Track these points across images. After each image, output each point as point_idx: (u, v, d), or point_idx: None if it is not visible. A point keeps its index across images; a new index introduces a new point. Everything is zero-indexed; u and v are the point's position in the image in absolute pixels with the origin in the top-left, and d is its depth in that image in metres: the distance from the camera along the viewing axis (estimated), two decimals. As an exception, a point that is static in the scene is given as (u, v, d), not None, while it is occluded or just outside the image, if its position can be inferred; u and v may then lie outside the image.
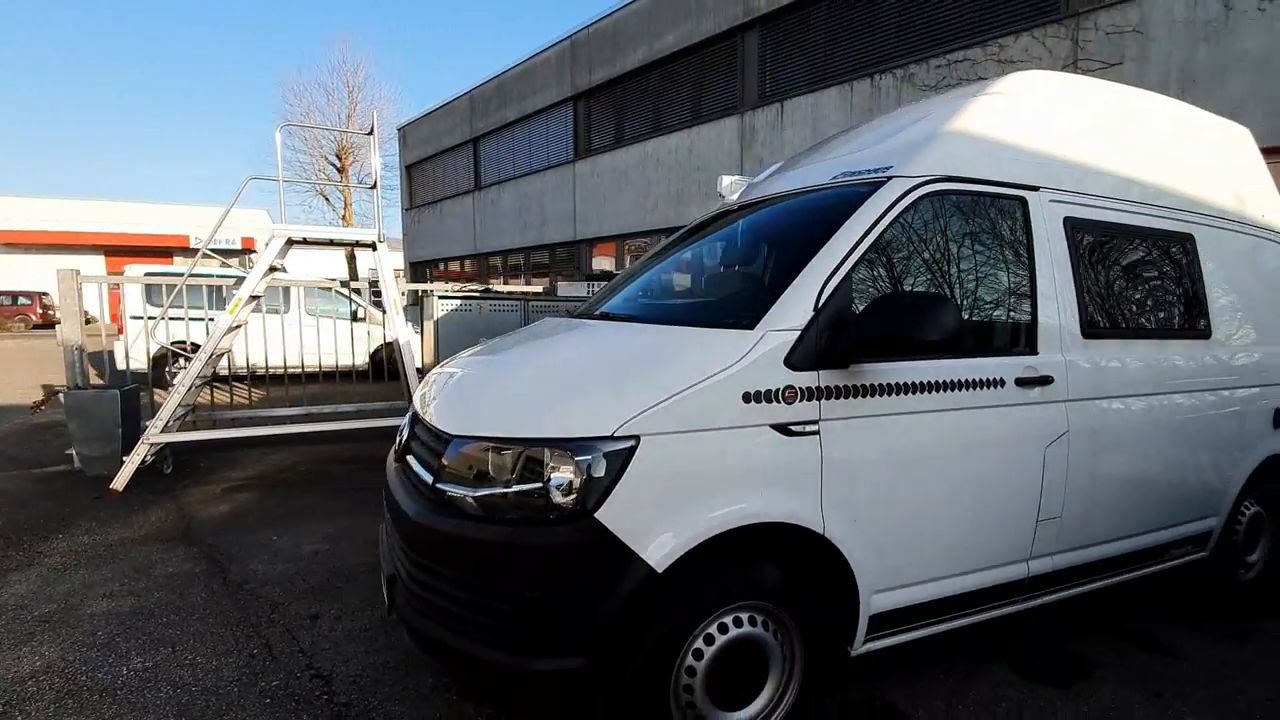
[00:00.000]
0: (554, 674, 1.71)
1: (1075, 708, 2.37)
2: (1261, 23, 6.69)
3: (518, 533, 1.74)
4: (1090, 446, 2.53)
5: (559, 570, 1.72)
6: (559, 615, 1.71)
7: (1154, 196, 2.91)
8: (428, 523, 1.88)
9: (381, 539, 2.45)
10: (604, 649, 1.73)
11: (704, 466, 1.82)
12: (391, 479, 2.31)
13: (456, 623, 1.82)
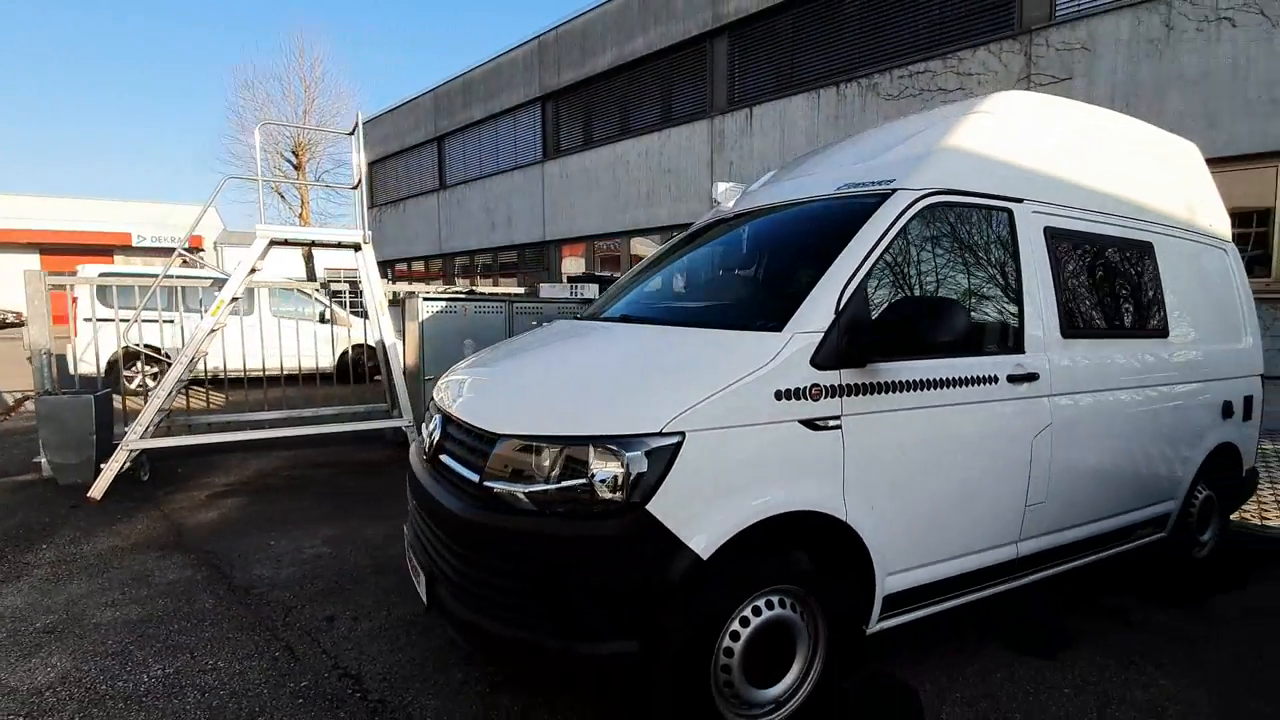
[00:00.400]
0: (610, 658, 1.82)
1: (1060, 675, 2.59)
2: (1199, 42, 7.23)
3: (573, 525, 1.84)
4: (1070, 437, 2.76)
5: (614, 560, 1.82)
6: (614, 602, 1.82)
7: (1119, 208, 3.18)
8: (479, 520, 1.95)
9: (412, 540, 2.49)
10: (655, 632, 1.84)
11: (742, 459, 1.95)
12: (424, 479, 2.36)
13: (510, 615, 1.90)
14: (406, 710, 2.30)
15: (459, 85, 17.63)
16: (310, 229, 6.24)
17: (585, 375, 2.24)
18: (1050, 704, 2.39)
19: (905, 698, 2.41)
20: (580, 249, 15.33)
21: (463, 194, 18.29)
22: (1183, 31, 7.35)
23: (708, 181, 12.23)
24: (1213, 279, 3.71)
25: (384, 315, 5.80)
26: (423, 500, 2.34)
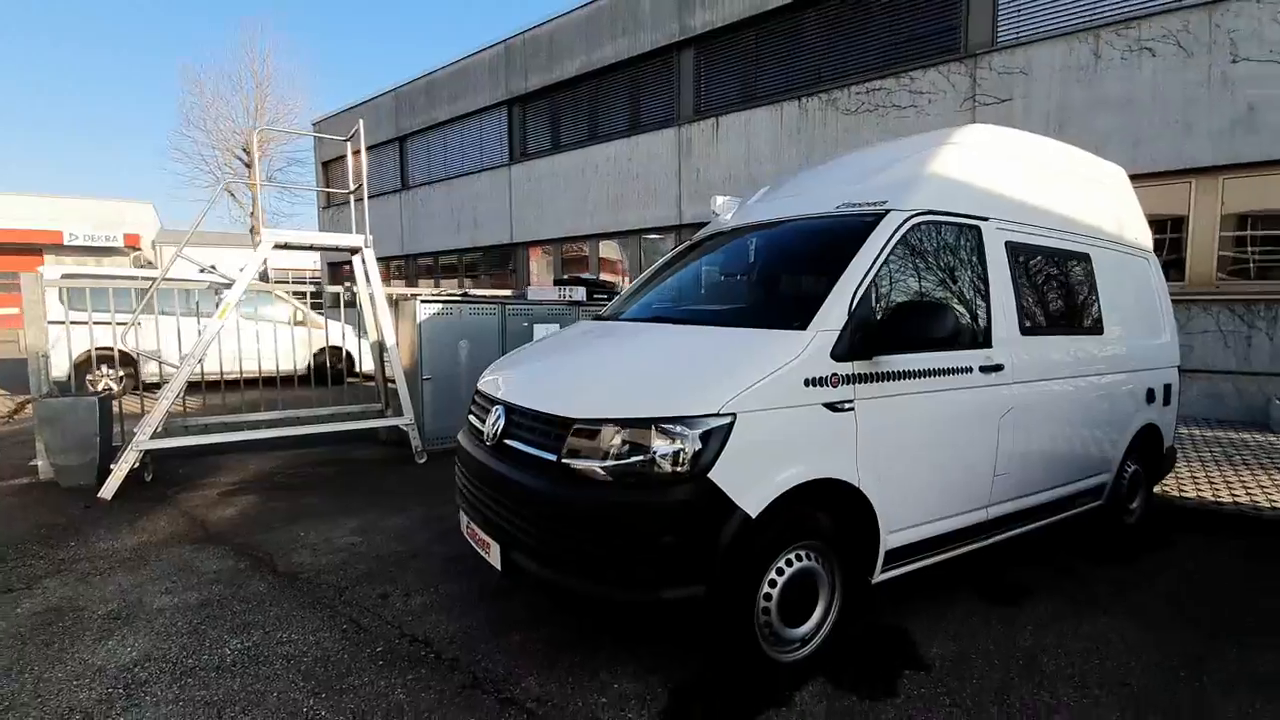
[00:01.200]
0: (682, 600, 2.18)
1: (1025, 617, 3.09)
2: (1123, 70, 8.09)
3: (647, 493, 2.20)
4: (1027, 418, 3.28)
5: (683, 520, 2.19)
6: (685, 554, 2.19)
7: (1064, 224, 3.73)
8: (563, 493, 2.29)
9: (475, 516, 2.78)
10: (716, 579, 2.21)
11: (779, 436, 2.35)
12: (489, 462, 2.67)
13: (592, 570, 2.24)
14: (480, 665, 2.60)
15: (422, 86, 17.58)
16: (313, 233, 6.33)
17: (643, 367, 2.60)
18: (1017, 638, 2.88)
19: (900, 638, 2.86)
20: (549, 251, 15.55)
21: (426, 195, 18.22)
22: (1109, 60, 8.20)
23: (675, 188, 12.70)
24: (1138, 284, 4.34)
25: (385, 317, 5.98)
26: (491, 480, 2.65)
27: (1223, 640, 2.89)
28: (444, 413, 6.43)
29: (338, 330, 9.55)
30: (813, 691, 2.44)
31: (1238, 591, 3.41)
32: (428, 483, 5.33)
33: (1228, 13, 7.44)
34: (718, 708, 2.34)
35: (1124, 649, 2.81)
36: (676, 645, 2.70)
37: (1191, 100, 7.70)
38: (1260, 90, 7.29)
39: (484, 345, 6.63)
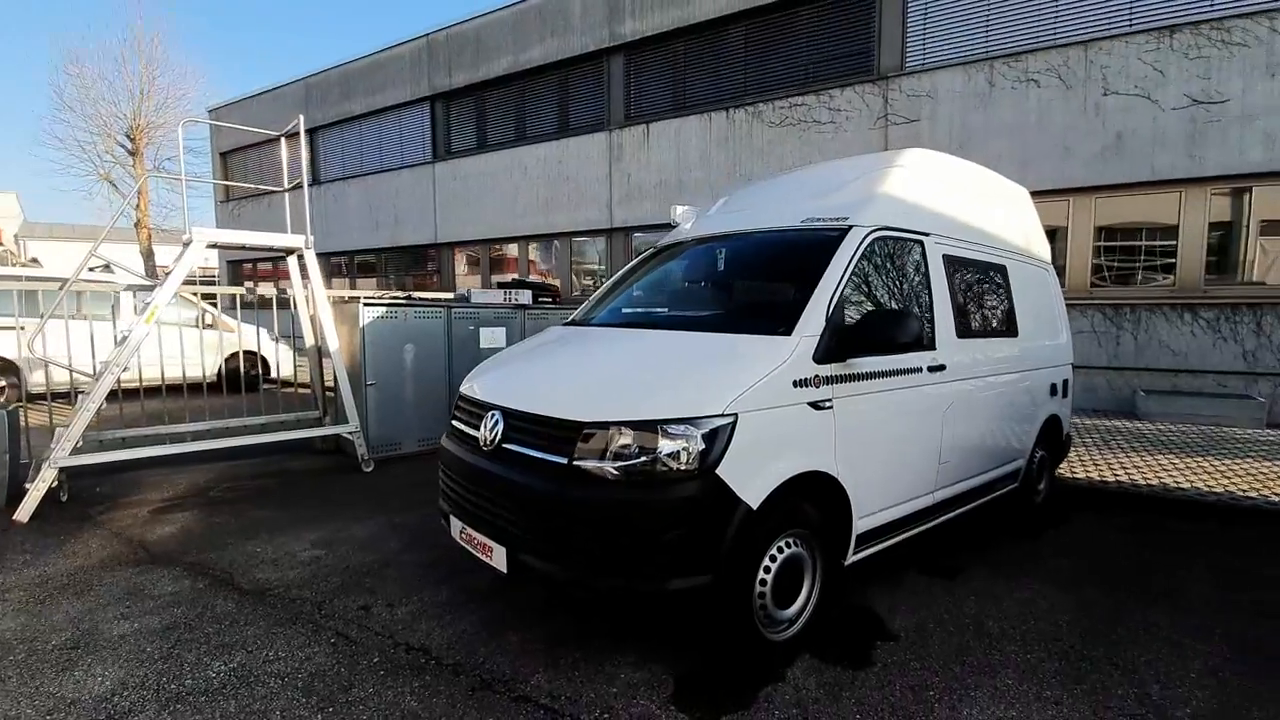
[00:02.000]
0: (692, 589, 2.34)
1: (964, 588, 3.48)
2: (1014, 98, 9.03)
3: (659, 490, 2.34)
4: (963, 411, 3.69)
5: (693, 514, 2.35)
6: (695, 546, 2.35)
7: (986, 239, 4.21)
8: (576, 494, 2.39)
9: (476, 522, 2.81)
10: (721, 567, 2.39)
11: (773, 433, 2.56)
12: (489, 467, 2.73)
13: (608, 566, 2.36)
14: (485, 668, 2.65)
15: (336, 76, 16.74)
16: (247, 233, 5.96)
17: (645, 371, 2.73)
18: (963, 607, 3.26)
19: (868, 615, 3.16)
20: (476, 252, 15.27)
21: (340, 191, 17.36)
22: (1002, 89, 9.13)
23: (607, 191, 12.85)
24: (1041, 291, 4.93)
25: (328, 321, 5.75)
26: (492, 484, 2.71)
27: (1125, 597, 3.39)
28: (389, 419, 6.26)
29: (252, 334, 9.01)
30: (802, 667, 2.67)
31: (1130, 556, 3.99)
32: (380, 491, 5.20)
33: (1100, 51, 8.49)
34: (721, 687, 2.52)
35: (1050, 610, 3.24)
36: (671, 635, 2.86)
37: (1070, 127, 8.73)
38: (1127, 120, 8.38)
39: (429, 349, 6.51)
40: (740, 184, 4.89)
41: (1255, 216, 8.20)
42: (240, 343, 8.38)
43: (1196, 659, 2.78)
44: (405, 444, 6.40)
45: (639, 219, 12.44)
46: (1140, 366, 8.56)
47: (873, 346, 2.88)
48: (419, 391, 6.45)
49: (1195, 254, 8.41)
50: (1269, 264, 8.22)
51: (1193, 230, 8.39)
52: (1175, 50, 8.08)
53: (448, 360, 6.64)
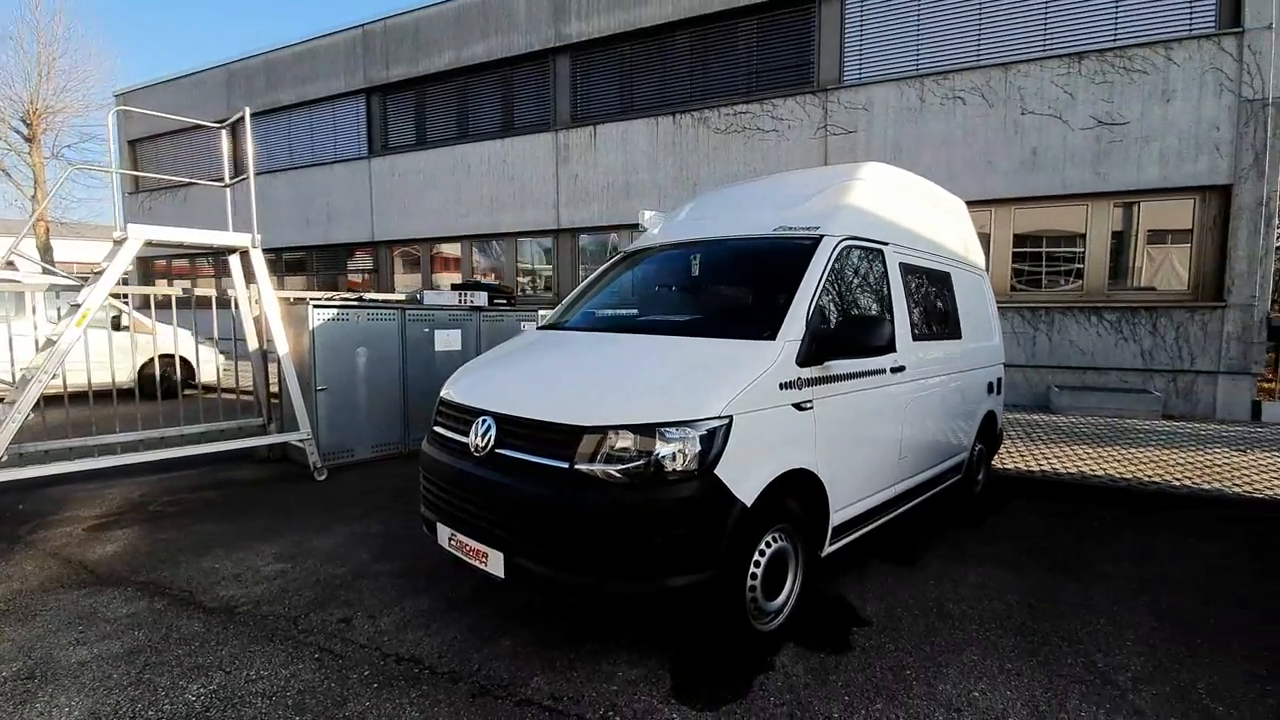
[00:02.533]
0: (691, 585, 2.43)
1: (924, 573, 3.74)
2: (943, 113, 9.62)
3: (662, 490, 2.42)
4: (918, 409, 3.96)
5: (694, 513, 2.44)
6: (695, 543, 2.44)
7: (934, 248, 4.51)
8: (578, 497, 2.43)
9: (468, 529, 2.80)
10: (719, 563, 2.50)
11: (763, 433, 2.69)
12: (481, 473, 2.73)
13: (609, 567, 2.42)
14: (481, 674, 2.65)
15: (261, 64, 15.86)
16: (192, 231, 5.60)
17: (640, 375, 2.78)
18: (925, 591, 3.50)
19: (841, 604, 3.35)
20: (416, 251, 14.85)
21: (266, 184, 16.40)
22: (930, 105, 9.72)
23: (554, 192, 12.79)
24: (978, 296, 5.32)
25: (277, 323, 5.49)
26: (486, 490, 2.71)
27: (1061, 576, 3.73)
28: (341, 426, 6.04)
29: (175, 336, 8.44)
30: (789, 655, 2.82)
31: (1060, 539, 4.38)
32: (336, 500, 5.03)
33: (1018, 73, 9.18)
34: (715, 679, 2.62)
35: (1000, 590, 3.53)
36: (662, 632, 2.95)
37: (993, 142, 9.40)
38: (1041, 138, 9.11)
39: (383, 352, 6.32)
40: (706, 190, 5.03)
41: (1144, 227, 9.10)
42: (157, 346, 7.82)
43: (1129, 629, 3.11)
44: (358, 451, 6.20)
45: (586, 220, 12.46)
46: (1054, 364, 9.33)
47: (847, 350, 3.05)
48: (372, 396, 6.26)
49: (1100, 262, 9.24)
50: (1155, 270, 9.14)
51: (1097, 240, 9.22)
52: (1083, 75, 8.85)
53: (402, 364, 6.48)
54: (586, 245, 12.88)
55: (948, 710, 2.45)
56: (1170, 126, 8.48)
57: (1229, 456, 6.36)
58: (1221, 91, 8.28)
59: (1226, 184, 8.35)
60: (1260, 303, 8.33)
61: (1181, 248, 8.89)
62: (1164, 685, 2.63)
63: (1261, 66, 8.11)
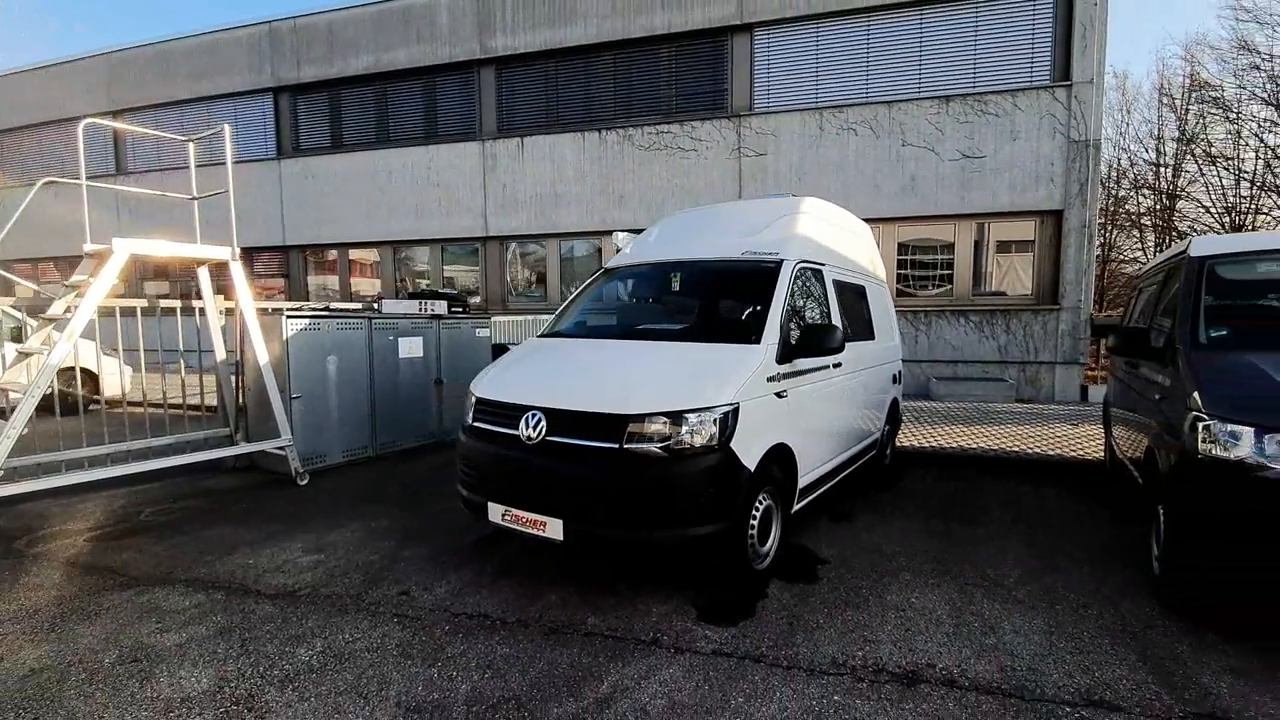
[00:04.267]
0: (716, 533, 3.19)
1: (858, 525, 4.72)
2: (839, 142, 11.02)
3: (694, 461, 3.15)
4: (852, 396, 4.96)
5: (717, 477, 3.19)
6: (719, 500, 3.19)
7: (854, 266, 5.56)
8: (630, 470, 3.11)
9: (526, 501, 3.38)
10: (734, 515, 3.27)
11: (758, 416, 3.49)
12: (535, 458, 3.34)
13: (655, 521, 3.12)
14: (543, 620, 3.23)
15: (153, 54, 14.78)
16: (173, 243, 5.56)
17: (665, 373, 3.48)
18: (863, 538, 4.47)
19: (805, 550, 4.24)
20: (333, 257, 14.51)
21: (156, 183, 15.32)
22: (828, 133, 11.10)
23: (481, 200, 13.08)
24: (884, 303, 6.48)
25: (257, 334, 5.63)
26: (541, 471, 3.32)
27: (953, 522, 4.85)
28: (315, 432, 6.23)
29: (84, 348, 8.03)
30: (776, 586, 3.64)
31: (951, 496, 5.56)
32: (330, 502, 5.31)
33: (899, 110, 10.74)
34: (728, 606, 3.38)
35: (917, 535, 4.57)
36: (680, 578, 3.67)
37: (879, 169, 10.91)
38: (918, 167, 10.71)
39: (352, 360, 6.56)
40: (669, 214, 5.79)
41: (993, 239, 10.97)
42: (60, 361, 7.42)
43: (1009, 552, 4.22)
44: (330, 456, 6.40)
45: (516, 229, 12.87)
46: (932, 359, 10.98)
47: (813, 350, 3.93)
48: (342, 403, 6.48)
49: (965, 272, 11.00)
50: (1002, 275, 11.04)
51: (963, 253, 10.97)
52: (950, 115, 10.54)
53: (369, 370, 6.73)
54: (518, 252, 13.29)
55: (896, 611, 3.37)
56: (1017, 161, 10.33)
57: (1064, 429, 8.03)
58: (1055, 134, 10.21)
59: (1059, 209, 10.30)
60: (1085, 305, 10.36)
61: (1025, 259, 10.81)
62: (1035, 584, 3.72)
63: (1085, 114, 10.10)
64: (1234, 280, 3.96)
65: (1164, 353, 3.85)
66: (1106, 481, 5.89)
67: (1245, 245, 4.19)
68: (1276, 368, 3.10)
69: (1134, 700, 2.58)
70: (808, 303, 4.44)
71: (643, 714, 2.49)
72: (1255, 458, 2.85)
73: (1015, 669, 2.81)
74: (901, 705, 2.55)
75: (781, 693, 2.63)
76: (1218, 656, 2.90)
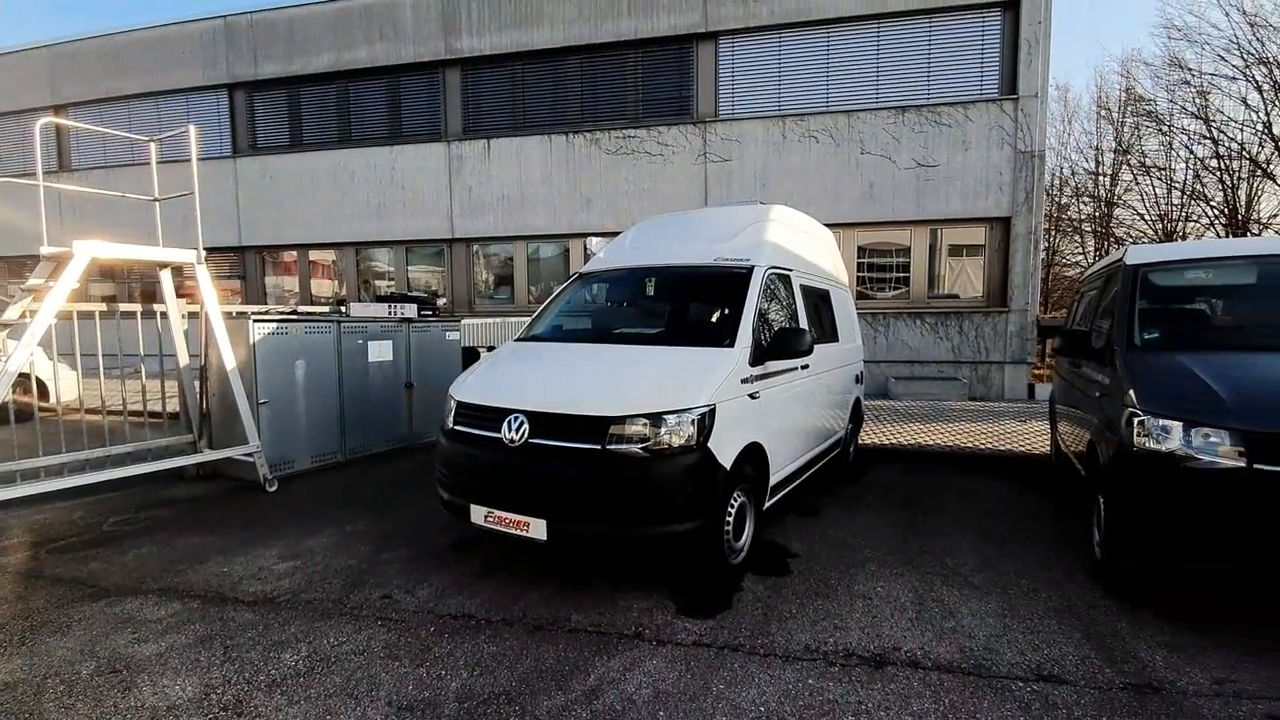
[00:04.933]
0: (693, 529, 3.32)
1: (824, 518, 4.92)
2: (801, 149, 11.33)
3: (673, 460, 3.28)
4: (819, 396, 5.17)
5: (695, 475, 3.32)
6: (697, 497, 3.32)
7: (820, 271, 5.78)
8: (612, 470, 3.22)
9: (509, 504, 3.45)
10: (711, 511, 3.41)
11: (734, 416, 3.63)
12: (519, 459, 3.41)
13: (636, 518, 3.23)
14: (528, 618, 3.31)
15: (99, 47, 14.19)
16: (135, 247, 5.39)
17: (645, 376, 3.59)
18: (830, 532, 4.67)
19: (776, 545, 4.41)
20: (293, 259, 14.19)
21: (102, 181, 14.72)
22: (791, 140, 11.41)
23: (447, 201, 12.99)
24: (847, 307, 6.74)
25: (224, 339, 5.52)
26: (524, 472, 3.40)
27: (916, 515, 5.10)
28: (281, 438, 6.14)
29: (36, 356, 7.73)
30: (750, 579, 3.80)
31: (911, 490, 5.83)
32: (302, 508, 5.26)
33: (858, 120, 11.11)
34: (706, 600, 3.52)
35: (880, 527, 4.80)
36: (658, 573, 3.79)
37: (840, 176, 11.26)
38: (876, 175, 11.09)
39: (321, 365, 6.49)
40: (641, 220, 5.91)
41: (946, 244, 11.45)
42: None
43: (965, 542, 4.48)
44: (299, 462, 6.32)
45: (483, 231, 12.82)
46: (891, 359, 11.38)
47: (783, 353, 4.11)
48: (311, 407, 6.40)
49: (921, 276, 11.44)
50: (955, 278, 11.54)
51: (919, 258, 11.41)
52: (906, 125, 10.96)
53: (338, 375, 6.66)
54: (484, 252, 13.23)
55: (864, 599, 3.56)
56: (968, 170, 10.80)
57: (1015, 426, 8.46)
58: (1003, 144, 10.71)
59: (1007, 216, 10.81)
60: (1032, 308, 10.90)
61: (976, 264, 11.31)
62: (990, 571, 3.97)
63: (1031, 126, 10.63)
64: (1165, 286, 4.29)
65: (1103, 353, 4.15)
66: (1053, 474, 6.26)
67: (1176, 254, 4.54)
68: (1202, 367, 3.40)
69: (1079, 674, 2.82)
70: (777, 307, 4.62)
71: (629, 703, 2.60)
72: (1184, 450, 3.13)
73: (973, 649, 3.02)
74: (870, 686, 2.73)
75: (760, 678, 2.78)
76: (1154, 632, 3.17)
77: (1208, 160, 17.33)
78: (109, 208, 14.19)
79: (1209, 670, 2.83)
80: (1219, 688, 2.70)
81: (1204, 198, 18.04)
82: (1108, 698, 2.64)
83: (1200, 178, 18.01)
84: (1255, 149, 16.06)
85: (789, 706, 2.58)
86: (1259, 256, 4.26)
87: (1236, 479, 2.97)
